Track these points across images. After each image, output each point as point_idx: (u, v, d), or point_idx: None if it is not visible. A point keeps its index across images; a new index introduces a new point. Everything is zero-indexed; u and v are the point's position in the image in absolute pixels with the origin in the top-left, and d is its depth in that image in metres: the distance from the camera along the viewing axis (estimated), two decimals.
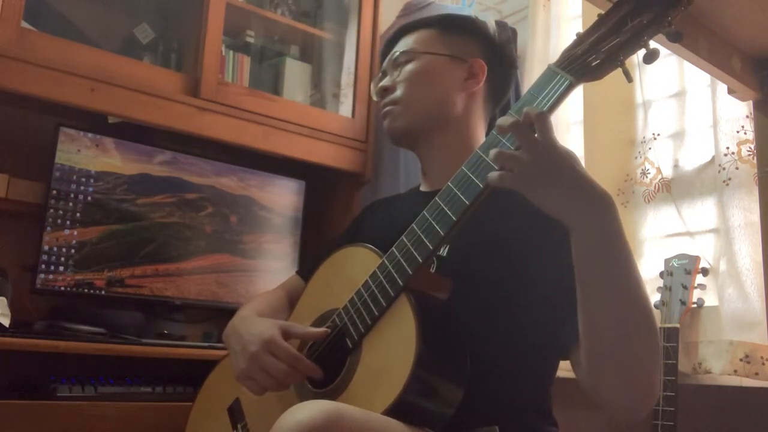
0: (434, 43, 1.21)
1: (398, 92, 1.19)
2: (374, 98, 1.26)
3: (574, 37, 0.88)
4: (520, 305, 1.00)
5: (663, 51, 1.80)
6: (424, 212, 0.94)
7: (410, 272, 0.92)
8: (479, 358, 0.98)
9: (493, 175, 0.84)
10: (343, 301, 1.00)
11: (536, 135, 0.82)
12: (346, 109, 2.16)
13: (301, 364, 0.98)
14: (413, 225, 0.94)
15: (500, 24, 2.16)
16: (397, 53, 1.22)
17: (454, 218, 0.89)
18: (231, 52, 2.07)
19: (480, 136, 1.20)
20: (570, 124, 2.05)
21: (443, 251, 1.06)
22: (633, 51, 0.83)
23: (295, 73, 2.20)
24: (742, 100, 1.42)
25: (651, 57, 0.82)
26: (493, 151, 0.84)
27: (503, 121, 0.84)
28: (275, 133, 1.93)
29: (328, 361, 0.99)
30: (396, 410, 0.84)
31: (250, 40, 2.15)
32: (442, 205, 0.92)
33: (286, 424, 0.76)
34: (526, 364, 1.03)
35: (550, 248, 0.98)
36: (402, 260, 0.93)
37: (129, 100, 1.70)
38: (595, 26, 0.86)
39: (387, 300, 0.93)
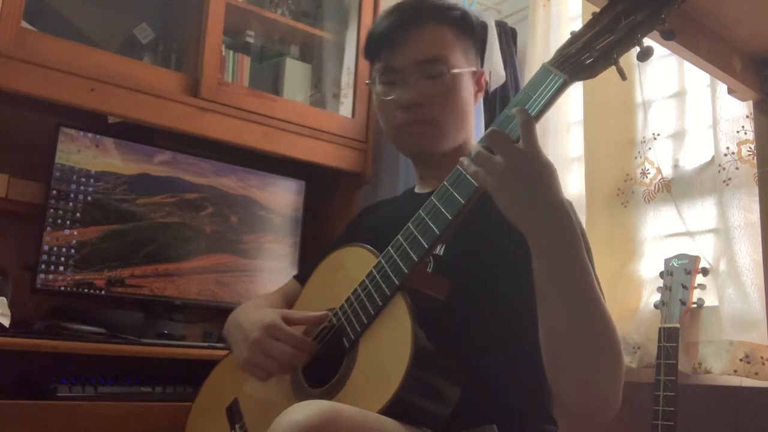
0: (456, 52, 1.15)
1: (436, 113, 1.12)
2: (382, 97, 1.15)
3: (568, 36, 0.88)
4: (516, 304, 1.00)
5: (663, 51, 1.80)
6: (420, 211, 0.94)
7: (406, 271, 0.92)
8: (477, 357, 0.98)
9: (472, 168, 0.87)
10: (341, 301, 1.00)
11: (519, 143, 0.84)
12: (346, 109, 2.16)
13: (305, 344, 0.99)
14: (409, 224, 0.95)
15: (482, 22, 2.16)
16: (427, 63, 1.12)
17: (449, 217, 0.90)
18: (231, 52, 2.07)
19: (471, 134, 1.20)
20: (570, 124, 2.05)
21: (440, 250, 1.06)
22: (627, 49, 0.83)
23: (295, 73, 2.20)
24: (742, 100, 1.42)
25: (645, 55, 0.83)
26: (474, 148, 0.87)
27: (483, 139, 0.87)
28: (275, 133, 1.93)
29: (325, 360, 1.00)
30: (392, 409, 0.84)
31: (250, 40, 2.16)
32: (437, 204, 0.92)
33: (283, 423, 0.77)
34: (525, 362, 1.03)
35: None
36: (398, 259, 0.93)
37: (129, 100, 1.70)
38: (589, 24, 0.86)
39: (383, 299, 0.93)
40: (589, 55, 0.84)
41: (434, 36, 1.14)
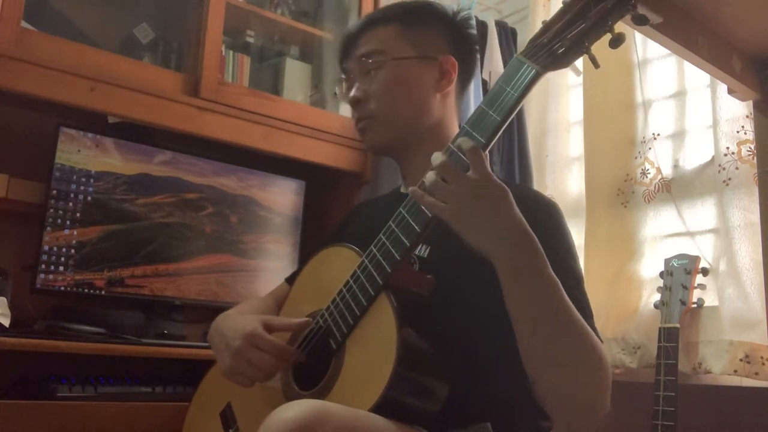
0: (400, 42, 1.14)
1: (373, 105, 1.14)
2: (341, 101, 1.25)
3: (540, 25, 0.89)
4: (503, 303, 1.00)
5: (663, 51, 1.80)
6: (400, 208, 0.95)
7: (389, 270, 0.92)
8: (469, 354, 0.98)
9: (428, 200, 0.88)
10: (326, 302, 1.01)
11: (469, 171, 0.86)
12: (346, 109, 2.16)
13: (286, 353, 0.99)
14: (390, 222, 0.95)
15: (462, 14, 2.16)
16: (365, 58, 1.15)
17: (429, 214, 0.91)
18: (231, 52, 2.07)
19: (455, 129, 1.17)
20: (570, 124, 2.05)
21: (424, 252, 1.06)
22: (598, 36, 0.84)
23: (295, 73, 2.20)
24: (742, 100, 1.42)
25: (616, 42, 0.83)
26: (428, 178, 0.88)
27: (436, 157, 0.89)
28: (275, 133, 1.93)
29: (313, 363, 1.00)
30: (381, 409, 0.85)
31: (250, 40, 2.15)
32: (404, 215, 0.93)
33: (273, 422, 0.78)
34: (516, 358, 1.03)
35: None
36: (381, 258, 0.94)
37: (129, 100, 1.70)
38: (560, 13, 0.86)
39: (367, 299, 0.94)
40: (561, 44, 0.85)
41: (377, 34, 1.16)
